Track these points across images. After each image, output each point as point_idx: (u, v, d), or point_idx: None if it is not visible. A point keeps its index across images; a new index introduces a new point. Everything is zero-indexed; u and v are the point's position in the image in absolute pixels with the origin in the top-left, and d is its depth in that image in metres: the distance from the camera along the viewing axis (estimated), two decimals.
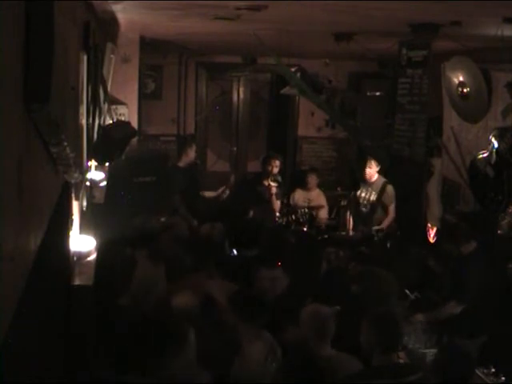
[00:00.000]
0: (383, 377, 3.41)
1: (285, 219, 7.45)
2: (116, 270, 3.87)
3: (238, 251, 5.12)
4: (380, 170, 7.43)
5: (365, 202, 7.32)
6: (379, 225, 7.24)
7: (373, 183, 7.33)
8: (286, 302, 4.30)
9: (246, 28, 6.13)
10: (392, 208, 7.35)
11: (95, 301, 3.87)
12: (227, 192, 7.80)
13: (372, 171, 7.38)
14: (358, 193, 7.39)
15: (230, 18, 5.50)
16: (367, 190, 7.33)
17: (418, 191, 8.15)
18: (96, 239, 4.59)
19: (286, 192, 7.97)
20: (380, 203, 7.30)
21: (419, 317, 4.95)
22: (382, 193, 7.30)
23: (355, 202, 7.42)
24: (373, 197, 7.32)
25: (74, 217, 4.12)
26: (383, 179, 7.35)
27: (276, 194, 7.56)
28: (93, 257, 4.42)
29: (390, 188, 7.33)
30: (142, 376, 3.04)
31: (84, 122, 4.34)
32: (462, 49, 6.99)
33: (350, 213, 7.40)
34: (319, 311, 3.81)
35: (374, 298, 4.10)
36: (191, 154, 7.69)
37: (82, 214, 4.81)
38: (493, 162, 6.15)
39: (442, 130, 8.08)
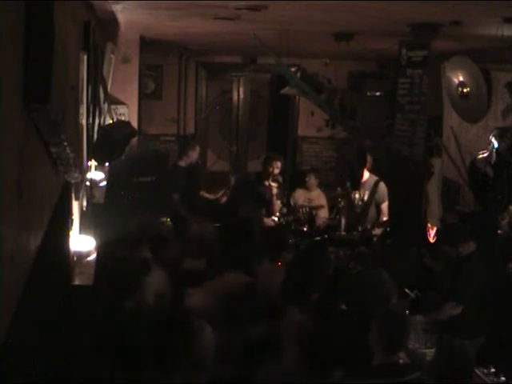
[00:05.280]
0: (381, 376, 3.42)
1: (285, 219, 7.45)
2: (125, 272, 3.86)
3: (229, 250, 5.08)
4: (379, 169, 7.38)
5: (359, 202, 7.25)
6: (372, 224, 7.15)
7: (365, 182, 7.22)
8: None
9: (246, 28, 6.14)
10: (385, 206, 7.19)
11: (95, 300, 3.88)
12: (227, 194, 7.82)
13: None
14: (352, 194, 7.30)
15: (230, 17, 5.51)
16: (360, 191, 7.25)
17: (417, 191, 8.13)
18: (96, 239, 4.60)
19: (286, 192, 7.96)
20: (372, 202, 7.20)
21: (419, 317, 4.94)
22: (374, 191, 7.20)
23: (350, 203, 7.34)
24: (366, 196, 7.23)
25: (73, 217, 4.13)
26: (375, 177, 7.25)
27: (276, 195, 7.57)
28: (93, 257, 4.43)
29: (382, 185, 7.19)
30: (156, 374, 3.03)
31: (84, 121, 4.34)
32: (461, 49, 7.01)
33: (344, 214, 7.33)
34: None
35: (373, 300, 4.09)
36: (193, 155, 7.70)
37: (82, 214, 4.81)
38: (493, 162, 6.15)
39: (441, 130, 8.08)
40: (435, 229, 7.39)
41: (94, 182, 5.90)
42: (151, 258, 4.48)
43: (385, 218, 7.09)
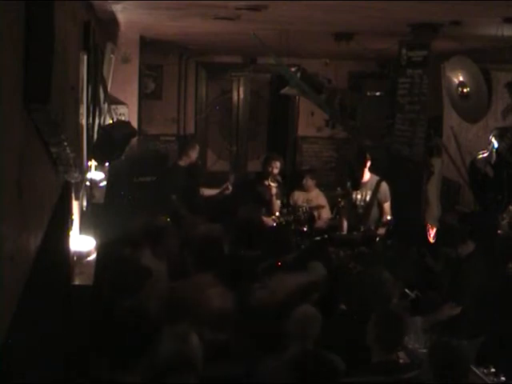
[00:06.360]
0: (379, 373, 3.43)
1: (285, 219, 7.45)
2: (125, 273, 3.86)
3: (241, 252, 5.07)
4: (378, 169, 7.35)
5: (361, 203, 7.20)
6: (376, 225, 7.09)
7: (366, 182, 7.16)
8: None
9: (246, 28, 6.14)
10: (387, 206, 7.14)
11: (95, 300, 3.88)
12: (230, 188, 7.78)
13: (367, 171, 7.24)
14: (354, 194, 7.25)
15: (230, 17, 5.51)
16: (361, 191, 7.20)
17: (417, 191, 8.13)
18: (96, 239, 4.60)
19: (285, 192, 7.96)
20: (374, 202, 7.14)
21: (419, 317, 4.94)
22: (376, 191, 7.14)
23: (352, 204, 7.30)
24: (368, 196, 7.17)
25: (73, 217, 4.13)
26: (376, 177, 7.19)
27: (276, 194, 7.56)
28: (93, 257, 4.43)
29: (384, 185, 7.11)
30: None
31: (84, 121, 4.34)
32: (461, 49, 7.01)
33: (345, 214, 7.30)
34: (306, 312, 3.77)
35: (373, 300, 4.10)
36: (193, 154, 7.70)
37: (82, 214, 4.81)
38: (493, 162, 6.15)
39: (441, 130, 8.08)
40: (435, 229, 7.38)
41: (94, 182, 5.90)
42: (150, 254, 4.47)
43: (388, 217, 7.07)
